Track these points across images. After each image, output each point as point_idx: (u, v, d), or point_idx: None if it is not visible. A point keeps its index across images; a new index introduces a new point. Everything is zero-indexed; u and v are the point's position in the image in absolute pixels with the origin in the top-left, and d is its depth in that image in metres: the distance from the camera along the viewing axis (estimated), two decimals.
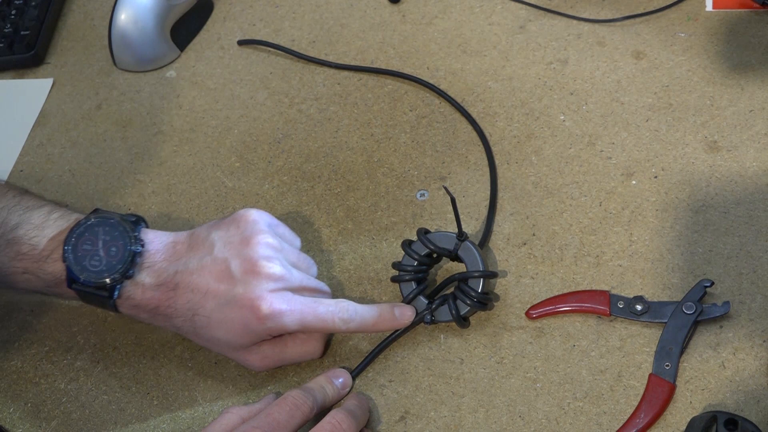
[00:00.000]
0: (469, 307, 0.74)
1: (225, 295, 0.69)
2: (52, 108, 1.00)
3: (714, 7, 0.93)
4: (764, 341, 0.70)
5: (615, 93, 0.88)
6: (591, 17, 0.95)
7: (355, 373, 0.74)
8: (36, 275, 0.72)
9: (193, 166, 0.91)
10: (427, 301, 0.75)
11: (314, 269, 0.76)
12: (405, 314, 0.73)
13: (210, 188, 0.89)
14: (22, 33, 1.04)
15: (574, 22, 0.95)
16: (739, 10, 0.92)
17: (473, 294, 0.73)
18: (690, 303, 0.71)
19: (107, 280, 0.70)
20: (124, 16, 0.99)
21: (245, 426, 0.65)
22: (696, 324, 0.71)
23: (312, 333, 0.73)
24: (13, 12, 1.07)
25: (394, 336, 0.75)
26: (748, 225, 0.76)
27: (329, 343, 0.76)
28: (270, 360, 0.73)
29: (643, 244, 0.77)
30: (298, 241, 0.77)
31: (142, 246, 0.72)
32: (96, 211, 0.74)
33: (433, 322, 0.74)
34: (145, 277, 0.71)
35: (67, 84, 1.02)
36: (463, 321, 0.74)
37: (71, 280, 0.71)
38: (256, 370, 0.74)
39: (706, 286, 0.72)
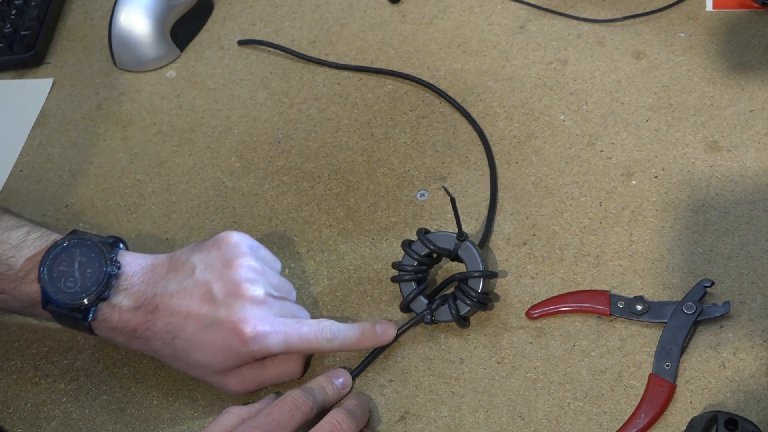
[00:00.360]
0: (469, 307, 0.74)
1: (207, 318, 0.69)
2: (52, 108, 1.00)
3: (714, 7, 0.93)
4: (764, 341, 0.70)
5: (615, 93, 0.88)
6: (591, 17, 0.95)
7: (355, 373, 0.74)
8: (12, 296, 0.72)
9: (193, 166, 0.91)
10: (427, 301, 0.75)
11: (293, 294, 0.76)
12: (387, 331, 0.73)
13: (210, 188, 0.89)
14: (22, 33, 1.04)
15: (574, 22, 0.95)
16: (739, 10, 0.92)
17: (473, 294, 0.73)
18: (690, 303, 0.71)
19: (82, 302, 0.70)
20: (124, 16, 0.99)
21: (245, 426, 0.65)
22: (696, 324, 0.71)
23: (293, 354, 0.72)
24: (13, 12, 1.07)
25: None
26: (748, 225, 0.76)
27: (309, 362, 0.75)
28: (249, 383, 0.72)
29: (643, 244, 0.77)
30: (278, 265, 0.76)
31: (119, 268, 0.71)
32: (74, 232, 0.73)
33: (433, 322, 0.74)
34: (122, 299, 0.70)
35: (67, 84, 1.02)
36: (463, 321, 0.74)
37: (46, 301, 0.70)
38: (236, 394, 0.73)
39: (706, 286, 0.72)
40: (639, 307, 0.72)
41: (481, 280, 0.74)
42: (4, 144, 0.97)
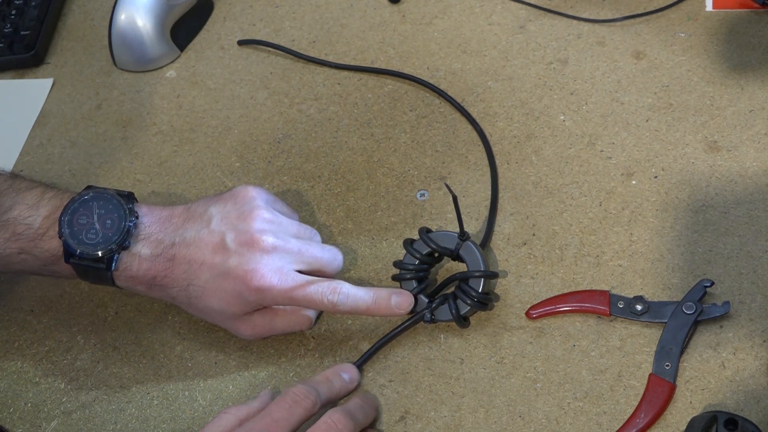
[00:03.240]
0: (469, 307, 0.74)
1: (220, 267, 0.71)
2: (52, 108, 1.00)
3: (714, 7, 0.93)
4: (764, 341, 0.70)
5: (615, 93, 0.88)
6: (591, 17, 0.95)
7: (359, 363, 0.74)
8: (32, 254, 0.73)
9: (193, 166, 0.91)
10: (427, 300, 0.75)
11: (317, 237, 0.77)
12: (402, 304, 0.73)
13: (210, 188, 0.89)
14: (22, 33, 1.04)
15: (574, 22, 0.95)
16: (739, 10, 0.92)
17: (474, 294, 0.73)
18: (690, 303, 0.71)
19: (105, 252, 0.71)
20: (124, 16, 0.99)
21: (242, 429, 0.65)
22: (696, 324, 0.71)
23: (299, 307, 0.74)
24: (13, 12, 1.07)
25: (395, 332, 0.74)
26: (748, 225, 0.76)
27: (320, 314, 0.76)
28: (260, 329, 0.74)
29: (643, 244, 0.77)
30: (296, 215, 0.78)
31: (137, 218, 0.73)
32: (89, 187, 0.75)
33: (433, 321, 0.74)
34: (141, 248, 0.72)
35: (67, 84, 1.02)
36: (463, 321, 0.74)
37: (68, 254, 0.72)
38: (247, 338, 0.76)
39: (706, 286, 0.72)
40: (639, 307, 0.72)
41: (482, 280, 0.74)
42: (4, 144, 0.97)
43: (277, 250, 0.71)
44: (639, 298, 0.73)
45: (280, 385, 0.74)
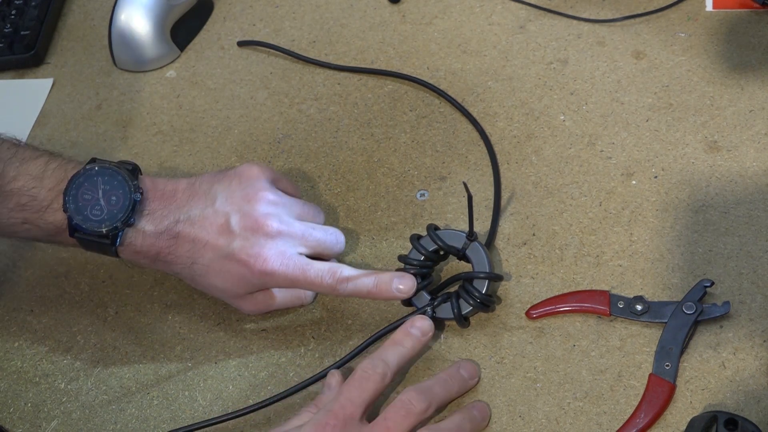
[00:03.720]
0: (471, 307, 0.74)
1: (224, 249, 0.72)
2: (52, 108, 1.00)
3: (714, 7, 0.93)
4: (764, 341, 0.70)
5: (615, 93, 0.88)
6: (591, 17, 0.95)
7: (355, 354, 0.74)
8: (36, 225, 0.74)
9: (193, 166, 0.91)
10: (429, 297, 0.75)
11: (321, 217, 0.78)
12: (403, 288, 0.73)
13: None
14: (22, 33, 1.04)
15: (574, 22, 0.95)
16: (739, 10, 0.92)
17: (477, 295, 0.73)
18: (690, 303, 0.71)
19: (110, 228, 0.72)
20: (124, 16, 0.99)
21: (318, 415, 0.66)
22: (696, 324, 0.71)
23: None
24: (13, 12, 1.07)
25: (394, 326, 0.74)
26: (748, 225, 0.76)
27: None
28: (261, 305, 0.76)
29: (643, 244, 0.77)
30: (299, 192, 0.79)
31: (142, 194, 0.73)
32: (94, 160, 0.75)
33: (433, 318, 0.74)
34: (145, 224, 0.73)
35: (67, 84, 1.02)
36: (463, 320, 0.74)
37: (73, 229, 0.73)
38: (248, 313, 0.77)
39: (706, 286, 0.72)
40: (639, 307, 0.72)
41: (487, 281, 0.74)
42: None
43: (281, 235, 0.72)
44: (639, 298, 0.73)
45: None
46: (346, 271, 0.72)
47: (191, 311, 0.80)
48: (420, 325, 0.72)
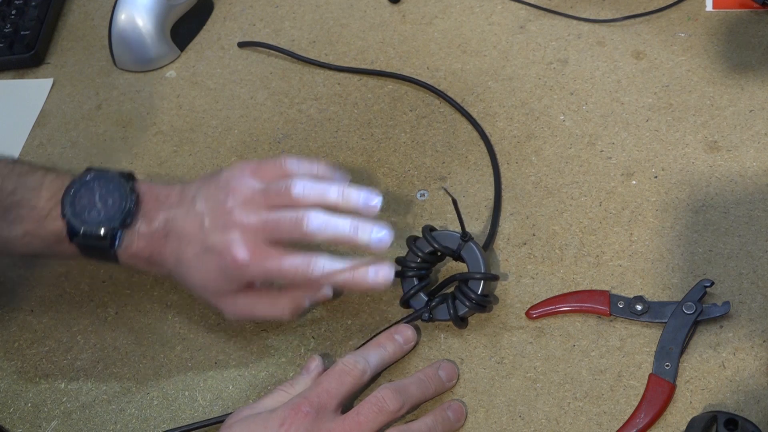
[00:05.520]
0: (467, 308, 0.74)
1: (201, 245, 0.72)
2: (52, 108, 1.00)
3: (714, 7, 0.93)
4: (764, 341, 0.70)
5: (615, 93, 0.88)
6: (591, 17, 0.95)
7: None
8: (36, 236, 0.74)
9: (193, 166, 0.91)
10: (426, 298, 0.75)
11: (287, 185, 0.72)
12: (380, 275, 0.72)
13: None
14: (22, 33, 1.04)
15: (574, 22, 0.95)
16: (739, 10, 0.92)
17: (472, 296, 0.73)
18: (690, 303, 0.71)
19: (108, 230, 0.72)
20: (124, 16, 0.99)
21: (295, 398, 0.67)
22: (696, 324, 0.71)
23: (281, 295, 0.74)
24: (13, 12, 1.07)
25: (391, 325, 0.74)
26: (748, 225, 0.76)
27: (307, 311, 0.77)
28: (241, 311, 0.75)
29: (643, 244, 0.77)
30: (284, 169, 0.75)
31: (138, 196, 0.74)
32: (89, 169, 0.76)
33: (431, 319, 0.74)
34: (140, 225, 0.74)
35: (67, 84, 1.02)
36: (460, 321, 0.74)
37: (72, 233, 0.73)
38: (229, 317, 0.76)
39: (706, 286, 0.72)
40: (639, 307, 0.72)
41: (482, 282, 0.74)
42: (4, 144, 0.97)
43: (250, 227, 0.71)
44: (639, 298, 0.73)
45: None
46: (321, 260, 0.72)
47: (191, 311, 0.80)
48: (404, 332, 0.73)
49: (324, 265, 0.71)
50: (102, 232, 0.72)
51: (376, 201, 0.72)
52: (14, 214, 0.74)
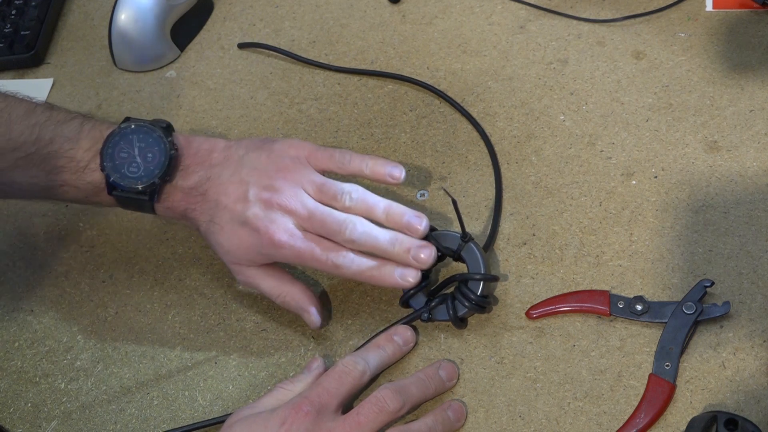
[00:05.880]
0: (466, 309, 0.74)
1: (239, 216, 0.73)
2: None
3: (714, 7, 0.93)
4: (764, 341, 0.70)
5: (615, 93, 0.88)
6: (591, 17, 0.95)
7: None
8: (75, 186, 0.75)
9: None
10: (426, 299, 0.75)
11: (349, 196, 0.74)
12: (406, 276, 0.73)
13: None
14: (22, 33, 1.04)
15: (574, 22, 0.95)
16: (739, 10, 0.92)
17: (472, 297, 0.73)
18: (690, 303, 0.71)
19: (145, 186, 0.73)
20: (124, 16, 0.99)
21: (296, 398, 0.68)
22: (696, 324, 0.71)
23: (292, 285, 0.76)
24: (13, 12, 1.07)
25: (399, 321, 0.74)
26: (748, 225, 0.76)
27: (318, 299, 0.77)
28: (251, 281, 0.76)
29: (643, 244, 0.77)
30: (340, 164, 0.76)
31: (176, 150, 0.74)
32: (127, 119, 0.76)
33: (430, 320, 0.74)
34: (179, 180, 0.75)
35: (67, 84, 1.02)
36: (460, 322, 0.74)
37: (111, 187, 0.74)
38: (238, 282, 0.77)
39: (706, 286, 0.72)
40: (639, 307, 0.72)
41: (481, 283, 0.74)
42: None
43: (294, 213, 0.72)
44: (639, 298, 0.73)
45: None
46: (351, 254, 0.73)
47: (191, 311, 0.80)
48: (403, 333, 0.74)
49: (353, 259, 0.72)
50: (141, 187, 0.73)
51: (420, 224, 0.73)
52: (52, 164, 0.74)
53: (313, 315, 0.75)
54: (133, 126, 0.75)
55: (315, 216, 0.72)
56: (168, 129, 0.76)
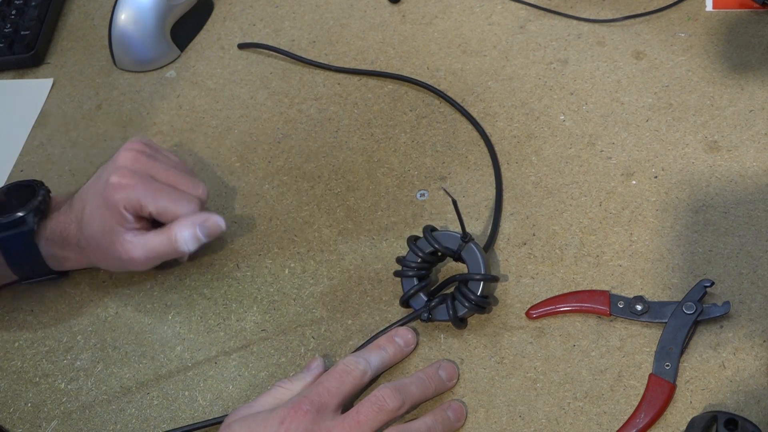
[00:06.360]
0: (466, 309, 0.74)
1: (93, 193, 0.78)
2: (52, 108, 1.00)
3: (714, 7, 0.93)
4: (764, 341, 0.70)
5: (615, 93, 0.88)
6: (591, 17, 0.95)
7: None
8: None
9: (193, 166, 0.91)
10: (426, 299, 0.75)
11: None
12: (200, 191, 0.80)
13: (210, 188, 0.89)
14: (22, 33, 1.04)
15: (574, 22, 0.95)
16: (739, 10, 0.92)
17: (472, 297, 0.73)
18: (690, 303, 0.71)
19: (25, 211, 0.77)
20: (124, 16, 0.99)
21: (296, 397, 0.68)
22: (696, 324, 0.71)
23: (172, 225, 0.78)
24: (13, 12, 1.07)
25: (391, 329, 0.74)
26: (748, 225, 0.76)
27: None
28: (136, 249, 0.77)
29: (643, 244, 0.77)
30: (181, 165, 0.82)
31: (47, 191, 0.80)
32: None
33: (430, 320, 0.74)
34: (53, 211, 0.80)
35: (67, 84, 1.02)
36: (459, 322, 0.74)
37: None
38: (132, 261, 0.78)
39: (706, 286, 0.72)
40: (639, 307, 0.72)
41: (481, 283, 0.74)
42: (4, 144, 0.97)
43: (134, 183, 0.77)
44: (639, 298, 0.73)
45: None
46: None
47: (191, 311, 0.80)
48: (404, 335, 0.74)
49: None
50: (17, 218, 0.77)
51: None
52: None
53: (212, 220, 0.78)
54: (5, 187, 0.81)
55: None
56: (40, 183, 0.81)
